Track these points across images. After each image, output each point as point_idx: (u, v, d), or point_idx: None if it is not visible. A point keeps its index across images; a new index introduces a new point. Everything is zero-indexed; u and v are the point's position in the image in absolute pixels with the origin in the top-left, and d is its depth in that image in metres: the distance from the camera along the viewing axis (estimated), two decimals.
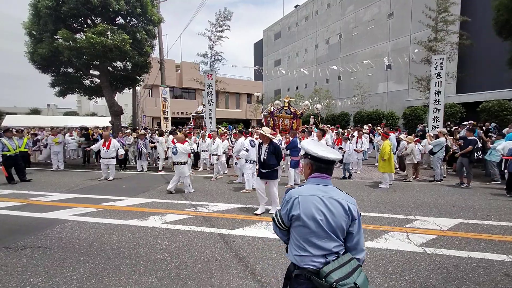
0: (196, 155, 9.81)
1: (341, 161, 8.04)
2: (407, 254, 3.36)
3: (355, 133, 10.63)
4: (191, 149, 8.91)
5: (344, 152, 8.00)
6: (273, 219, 1.61)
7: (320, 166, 1.52)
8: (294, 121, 10.62)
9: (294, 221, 1.45)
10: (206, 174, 9.13)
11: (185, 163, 6.43)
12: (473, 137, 7.08)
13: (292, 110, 10.63)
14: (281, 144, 7.88)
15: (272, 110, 10.77)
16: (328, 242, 1.39)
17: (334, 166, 1.58)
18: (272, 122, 10.64)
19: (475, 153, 6.88)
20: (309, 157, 1.56)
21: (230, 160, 9.99)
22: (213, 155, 8.56)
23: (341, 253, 1.42)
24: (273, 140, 5.15)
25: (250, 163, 6.59)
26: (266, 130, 5.03)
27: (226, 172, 9.15)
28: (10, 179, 7.61)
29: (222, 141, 8.70)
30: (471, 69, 17.48)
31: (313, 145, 1.59)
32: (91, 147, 9.24)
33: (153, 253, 3.42)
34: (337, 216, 1.40)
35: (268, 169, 4.87)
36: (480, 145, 7.26)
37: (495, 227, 4.28)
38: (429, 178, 8.15)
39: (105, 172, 8.31)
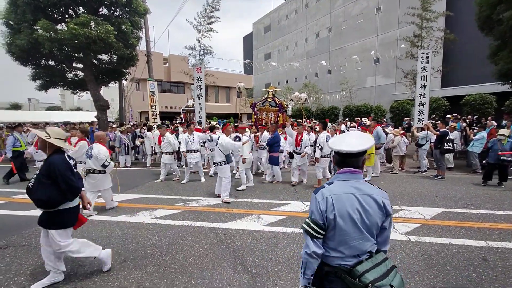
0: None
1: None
2: (392, 243, 3.48)
3: (343, 127, 10.69)
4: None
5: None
6: (306, 231, 1.38)
7: (341, 160, 1.42)
8: (279, 114, 9.47)
9: (330, 224, 1.34)
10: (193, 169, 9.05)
11: (103, 172, 4.70)
12: (445, 129, 7.36)
13: (277, 102, 9.37)
14: (253, 142, 7.26)
15: (253, 102, 9.53)
16: (364, 243, 1.32)
17: (360, 158, 1.40)
18: (254, 115, 9.41)
19: (446, 144, 7.13)
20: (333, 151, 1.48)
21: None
22: (164, 153, 7.42)
23: (374, 251, 1.35)
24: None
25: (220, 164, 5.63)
26: (52, 132, 2.61)
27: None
28: (10, 176, 7.26)
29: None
30: (455, 63, 17.94)
31: (334, 138, 1.49)
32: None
33: (142, 249, 3.39)
34: (373, 215, 1.32)
35: (38, 206, 2.53)
36: (452, 137, 7.55)
37: (475, 215, 4.49)
38: (414, 169, 8.41)
39: None
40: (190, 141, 7.24)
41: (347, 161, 1.40)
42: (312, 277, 1.42)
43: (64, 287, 2.64)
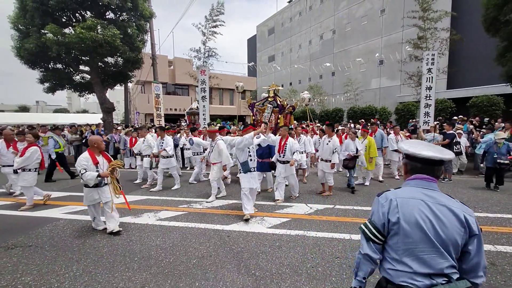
0: (182, 153, 9.60)
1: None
2: None
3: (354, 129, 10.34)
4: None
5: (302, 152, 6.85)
6: (363, 232, 1.31)
7: (416, 166, 1.31)
8: (280, 116, 8.32)
9: (392, 229, 1.22)
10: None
11: (84, 185, 3.85)
12: (452, 132, 7.25)
13: (279, 101, 8.42)
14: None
15: (252, 102, 8.64)
16: (438, 259, 1.12)
17: (440, 166, 1.30)
18: (253, 117, 8.54)
19: (454, 147, 7.02)
20: (405, 155, 1.37)
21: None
22: (144, 156, 7.04)
23: (454, 277, 1.13)
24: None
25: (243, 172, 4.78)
26: None
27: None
28: (70, 175, 7.94)
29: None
30: (462, 64, 17.76)
31: (408, 142, 1.39)
32: None
33: (147, 250, 3.41)
34: (450, 228, 1.14)
35: None
36: (459, 139, 7.43)
37: (482, 218, 4.42)
38: None
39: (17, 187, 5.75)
40: (160, 145, 6.53)
41: (427, 168, 1.28)
42: (365, 281, 1.34)
43: None
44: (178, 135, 9.59)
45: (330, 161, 5.70)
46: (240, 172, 4.65)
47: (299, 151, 6.33)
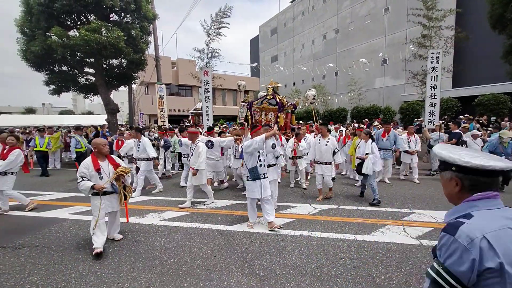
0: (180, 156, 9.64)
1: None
2: (404, 247, 3.41)
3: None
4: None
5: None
6: (434, 280, 0.97)
7: (479, 182, 1.01)
8: (279, 114, 7.72)
9: (488, 277, 0.89)
10: None
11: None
12: (458, 131, 7.13)
13: (278, 99, 7.88)
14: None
15: (249, 101, 8.14)
16: None
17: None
18: (250, 116, 8.04)
19: (461, 146, 6.91)
20: (453, 168, 1.05)
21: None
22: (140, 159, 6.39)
23: None
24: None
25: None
26: None
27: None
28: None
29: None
30: (467, 63, 17.56)
31: (454, 149, 1.08)
32: None
33: (151, 250, 3.43)
34: None
35: None
36: (474, 140, 7.29)
37: None
38: (425, 171, 8.22)
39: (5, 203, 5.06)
40: (137, 147, 6.20)
41: (493, 183, 1.02)
42: None
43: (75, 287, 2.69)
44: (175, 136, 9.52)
45: (331, 163, 5.44)
46: (248, 180, 4.12)
47: (304, 151, 6.21)
